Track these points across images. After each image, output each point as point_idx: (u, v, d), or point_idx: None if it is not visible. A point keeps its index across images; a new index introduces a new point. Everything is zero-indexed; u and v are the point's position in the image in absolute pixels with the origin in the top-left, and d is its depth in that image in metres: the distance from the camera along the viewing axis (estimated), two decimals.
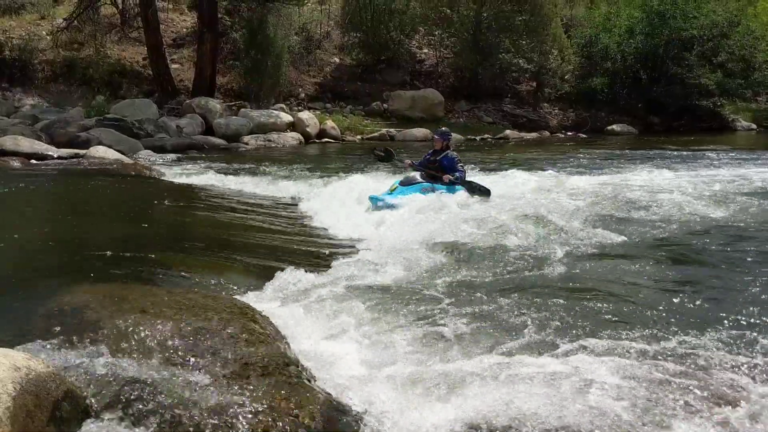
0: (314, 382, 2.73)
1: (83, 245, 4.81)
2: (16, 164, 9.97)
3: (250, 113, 16.96)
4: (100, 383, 2.31)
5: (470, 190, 7.16)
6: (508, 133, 20.25)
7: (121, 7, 21.33)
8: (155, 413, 2.22)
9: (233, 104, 18.09)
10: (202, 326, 2.80)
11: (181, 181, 9.17)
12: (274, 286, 4.07)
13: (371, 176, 8.64)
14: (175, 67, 19.41)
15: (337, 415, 2.41)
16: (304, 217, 7.00)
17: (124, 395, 2.27)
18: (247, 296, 3.81)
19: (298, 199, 8.06)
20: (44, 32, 19.76)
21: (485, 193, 7.16)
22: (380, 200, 6.76)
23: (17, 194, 7.14)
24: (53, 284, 3.50)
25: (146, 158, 12.03)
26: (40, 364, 2.11)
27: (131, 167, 10.25)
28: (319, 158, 14.12)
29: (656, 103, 23.16)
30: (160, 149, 13.15)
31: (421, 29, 24.04)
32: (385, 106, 21.02)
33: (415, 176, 7.30)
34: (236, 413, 2.25)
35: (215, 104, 16.79)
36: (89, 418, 2.18)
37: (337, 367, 2.92)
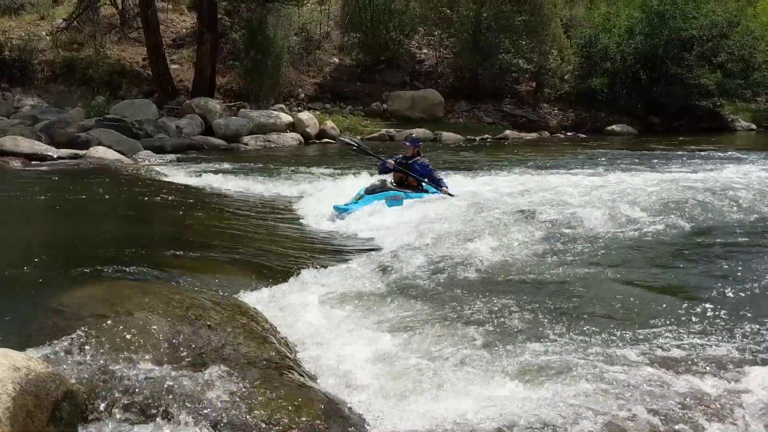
0: (314, 381, 2.73)
1: (83, 245, 4.82)
2: (16, 164, 9.97)
3: (249, 113, 16.95)
4: (100, 383, 2.31)
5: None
6: (507, 133, 20.24)
7: (120, 7, 21.31)
8: (156, 413, 2.22)
9: (233, 104, 18.08)
10: (202, 326, 2.80)
11: (180, 181, 9.16)
12: (274, 285, 4.07)
13: (372, 176, 8.61)
14: (174, 67, 19.40)
15: (337, 414, 2.41)
16: (303, 216, 6.99)
17: (124, 395, 2.27)
18: (246, 296, 3.80)
19: (297, 198, 8.06)
20: (44, 32, 19.74)
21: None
22: (345, 210, 6.58)
23: (17, 194, 7.14)
24: (53, 284, 3.49)
25: (146, 158, 12.01)
26: (39, 364, 2.11)
27: (131, 168, 10.25)
28: (318, 158, 14.12)
29: (656, 103, 23.16)
30: (159, 149, 13.12)
31: (420, 29, 24.02)
32: (384, 106, 21.01)
33: (384, 182, 7.10)
34: (237, 413, 2.25)
35: (215, 104, 16.78)
36: (89, 418, 2.17)
37: (337, 366, 2.91)
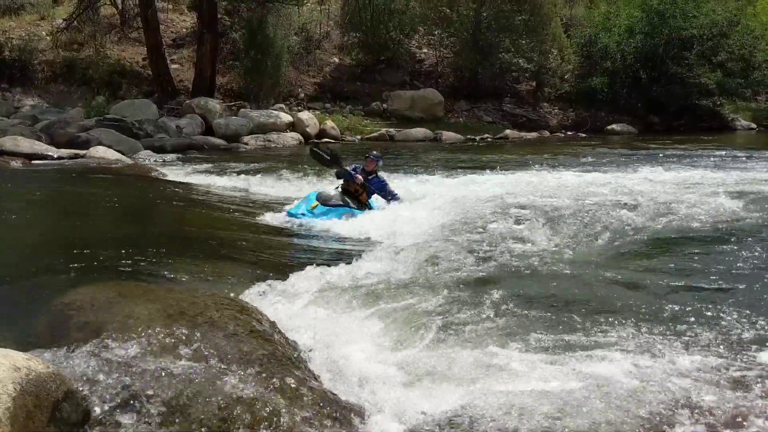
0: (316, 379, 2.73)
1: (83, 245, 4.80)
2: (16, 165, 9.95)
3: (249, 113, 16.96)
4: (100, 383, 2.31)
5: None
6: (507, 132, 20.25)
7: (120, 7, 21.32)
8: (156, 413, 2.21)
9: (233, 104, 18.08)
10: (202, 325, 2.80)
11: (180, 181, 9.15)
12: (274, 283, 4.06)
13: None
14: (174, 67, 19.40)
15: (339, 413, 2.40)
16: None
17: (124, 395, 2.26)
18: (247, 294, 3.80)
19: (297, 198, 8.03)
20: (44, 32, 19.75)
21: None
22: (301, 217, 6.37)
23: (17, 194, 7.13)
24: (53, 284, 3.49)
25: (146, 158, 12.02)
26: (40, 364, 2.10)
27: (131, 167, 10.24)
28: None
29: (656, 102, 23.16)
30: (159, 149, 13.13)
31: (420, 29, 24.02)
32: (384, 106, 21.01)
33: (339, 195, 6.91)
34: (237, 411, 2.25)
35: (215, 104, 16.79)
36: (89, 418, 2.17)
37: (338, 365, 2.91)
